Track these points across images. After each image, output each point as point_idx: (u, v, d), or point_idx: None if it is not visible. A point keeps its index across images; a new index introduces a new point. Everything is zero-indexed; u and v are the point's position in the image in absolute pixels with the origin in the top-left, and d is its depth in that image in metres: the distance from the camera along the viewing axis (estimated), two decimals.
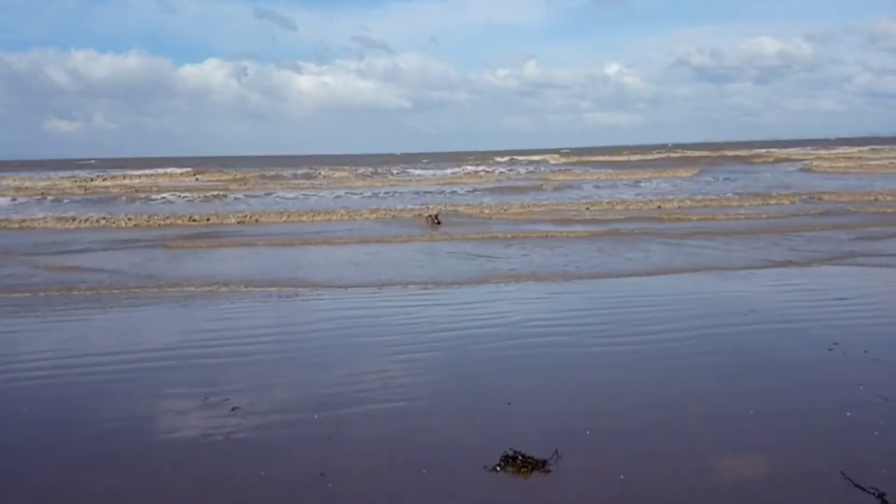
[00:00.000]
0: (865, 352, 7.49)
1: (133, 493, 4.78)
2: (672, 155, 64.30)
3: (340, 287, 11.70)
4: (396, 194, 32.31)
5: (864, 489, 4.56)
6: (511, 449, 5.07)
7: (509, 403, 6.22)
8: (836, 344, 7.76)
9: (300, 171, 47.76)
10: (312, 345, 8.38)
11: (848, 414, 5.84)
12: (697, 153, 65.99)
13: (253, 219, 21.88)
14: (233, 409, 6.21)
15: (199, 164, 62.22)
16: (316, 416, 6.01)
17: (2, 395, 6.89)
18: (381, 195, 31.87)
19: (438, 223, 19.87)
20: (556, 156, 61.97)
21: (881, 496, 4.46)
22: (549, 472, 4.89)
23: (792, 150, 66.75)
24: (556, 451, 5.09)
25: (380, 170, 51.92)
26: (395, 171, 48.36)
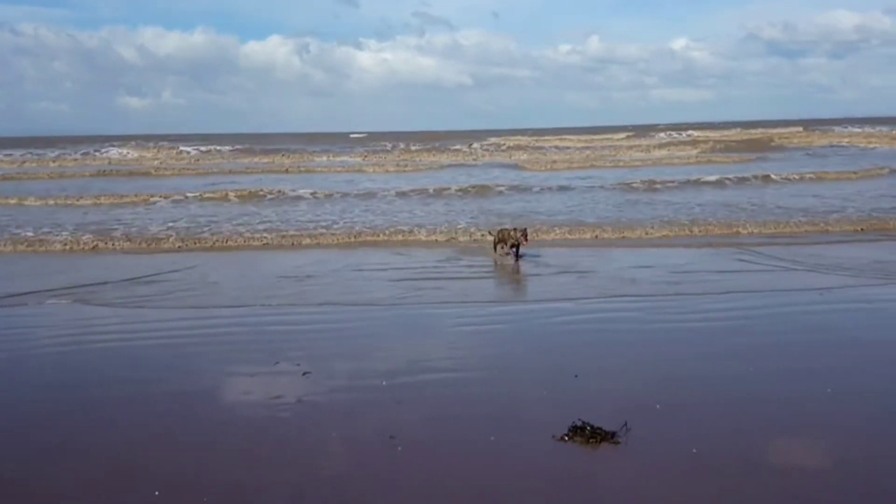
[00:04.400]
0: None
1: (214, 452, 5.01)
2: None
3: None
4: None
5: None
6: (580, 419, 5.08)
7: (576, 376, 6.23)
8: None
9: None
10: (386, 314, 8.59)
11: None
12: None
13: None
14: (304, 373, 6.41)
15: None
16: (384, 383, 6.16)
17: (80, 355, 7.29)
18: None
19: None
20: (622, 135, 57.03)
21: None
22: (618, 443, 4.89)
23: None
24: (626, 424, 5.07)
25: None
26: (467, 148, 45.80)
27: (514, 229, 11.80)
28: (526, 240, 11.56)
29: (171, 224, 16.35)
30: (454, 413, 5.55)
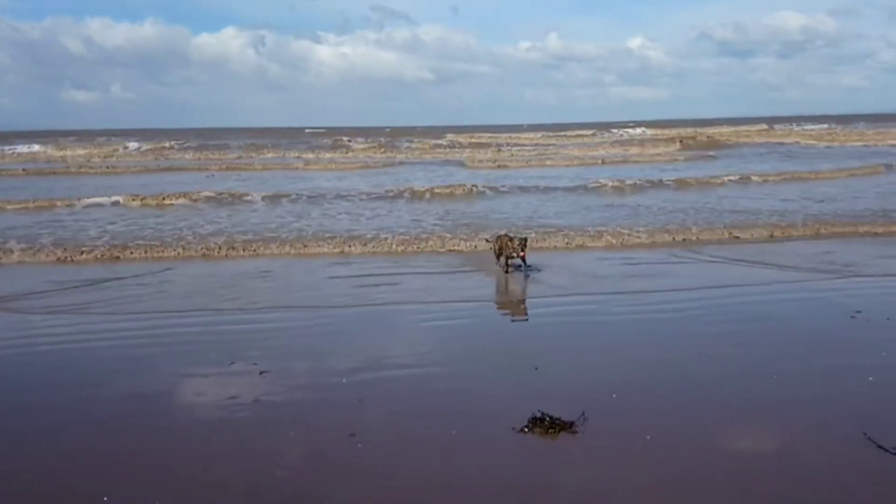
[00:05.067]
0: (888, 319, 7.51)
1: (162, 455, 4.90)
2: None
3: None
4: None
5: (886, 450, 4.61)
6: (539, 411, 5.15)
7: (536, 369, 6.31)
8: (860, 312, 7.77)
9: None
10: (345, 314, 8.52)
11: (870, 378, 5.87)
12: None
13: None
14: (261, 373, 6.33)
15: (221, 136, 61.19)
16: (344, 381, 6.12)
17: (23, 358, 7.05)
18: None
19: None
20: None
21: None
22: (576, 432, 4.98)
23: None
24: (584, 413, 5.16)
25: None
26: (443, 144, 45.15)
27: (510, 238, 10.18)
28: (522, 251, 9.86)
29: (105, 228, 14.65)
30: (415, 408, 5.57)
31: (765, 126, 64.20)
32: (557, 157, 35.36)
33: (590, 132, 60.29)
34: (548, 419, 5.06)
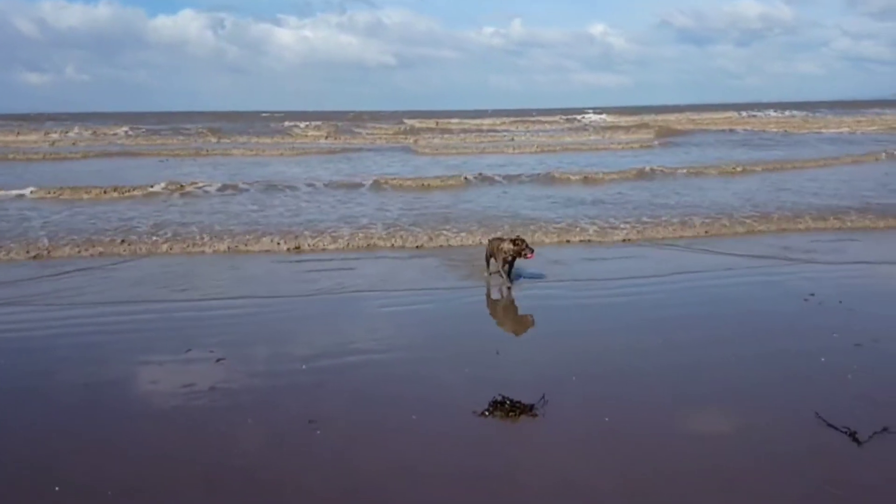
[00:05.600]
0: (840, 302, 7.70)
1: (118, 444, 4.78)
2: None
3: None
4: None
5: (836, 428, 4.73)
6: (500, 394, 5.15)
7: (497, 353, 6.31)
8: (813, 295, 7.96)
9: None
10: (304, 302, 8.39)
11: (823, 360, 6.02)
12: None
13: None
14: (217, 360, 6.21)
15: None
16: (304, 367, 6.04)
17: None
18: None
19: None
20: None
21: (852, 434, 4.64)
22: (536, 415, 4.99)
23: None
24: (544, 396, 5.18)
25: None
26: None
27: (502, 239, 8.87)
28: (521, 255, 8.53)
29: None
30: (375, 394, 5.51)
31: (732, 114, 64.97)
32: (516, 145, 35.14)
33: (552, 118, 60.38)
34: (508, 403, 5.07)
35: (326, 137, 41.00)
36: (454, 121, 57.77)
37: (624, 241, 11.60)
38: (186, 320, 7.58)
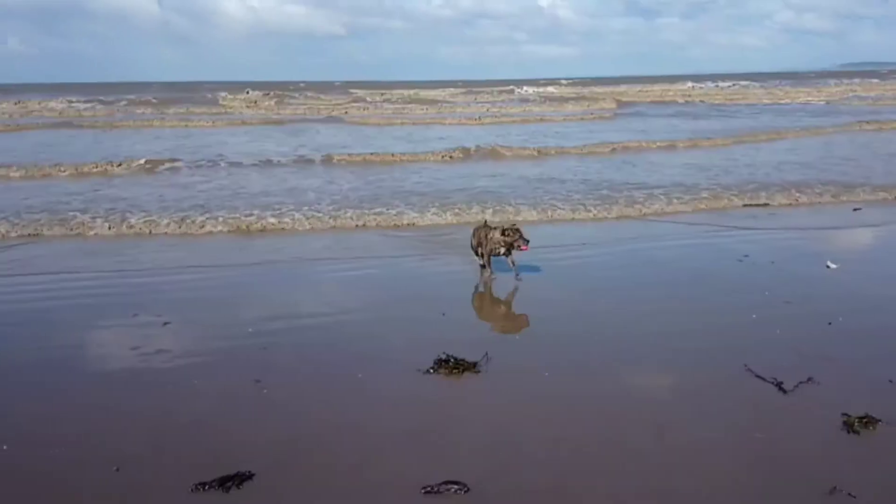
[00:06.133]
0: (772, 262, 8.05)
1: (60, 405, 4.75)
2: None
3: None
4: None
5: (764, 379, 5.00)
6: (444, 353, 5.28)
7: (444, 314, 6.43)
8: (747, 256, 8.30)
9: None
10: (251, 271, 8.34)
11: (754, 316, 6.32)
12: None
13: None
14: (164, 324, 6.17)
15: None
16: (251, 330, 6.05)
17: None
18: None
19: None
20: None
21: (779, 385, 4.92)
22: (479, 372, 5.15)
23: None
24: (486, 354, 5.33)
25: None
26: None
27: (490, 228, 7.71)
28: (525, 244, 7.44)
29: None
30: (322, 355, 5.59)
31: (686, 85, 65.26)
32: (455, 116, 34.30)
33: (500, 89, 59.72)
34: (452, 360, 5.21)
35: (252, 105, 39.89)
36: (407, 91, 56.95)
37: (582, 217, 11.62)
38: (133, 287, 7.50)
